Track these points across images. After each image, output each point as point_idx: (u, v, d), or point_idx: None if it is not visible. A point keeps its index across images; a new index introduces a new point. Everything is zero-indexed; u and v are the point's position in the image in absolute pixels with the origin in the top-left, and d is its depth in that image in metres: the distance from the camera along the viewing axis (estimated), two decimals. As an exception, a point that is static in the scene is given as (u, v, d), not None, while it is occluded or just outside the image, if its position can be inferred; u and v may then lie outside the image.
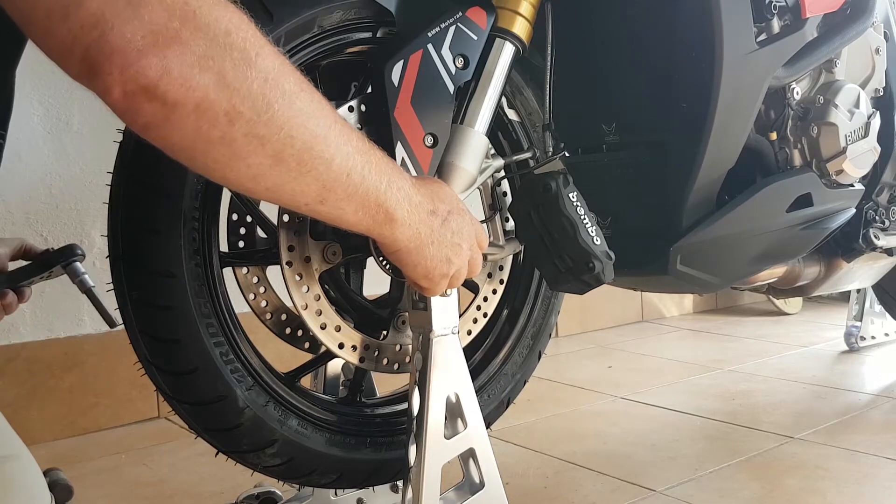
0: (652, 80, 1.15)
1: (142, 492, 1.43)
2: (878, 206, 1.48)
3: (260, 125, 0.58)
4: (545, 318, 1.24)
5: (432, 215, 0.79)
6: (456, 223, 0.82)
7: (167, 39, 0.52)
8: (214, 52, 0.54)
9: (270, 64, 0.58)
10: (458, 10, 0.97)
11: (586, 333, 2.75)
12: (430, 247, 0.79)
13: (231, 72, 0.55)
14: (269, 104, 0.58)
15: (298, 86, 0.61)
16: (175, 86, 0.53)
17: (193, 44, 0.53)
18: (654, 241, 1.13)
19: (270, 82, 0.58)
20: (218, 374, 0.90)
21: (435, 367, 0.91)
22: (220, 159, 0.59)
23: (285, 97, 0.60)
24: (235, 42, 0.56)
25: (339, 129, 0.66)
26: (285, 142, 0.61)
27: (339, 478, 1.02)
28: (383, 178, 0.71)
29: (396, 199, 0.73)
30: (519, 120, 1.19)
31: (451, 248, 0.82)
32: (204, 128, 0.56)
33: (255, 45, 0.58)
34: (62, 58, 0.51)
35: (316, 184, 0.65)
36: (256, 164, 0.60)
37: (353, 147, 0.67)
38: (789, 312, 3.02)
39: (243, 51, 0.56)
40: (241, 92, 0.56)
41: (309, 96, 0.63)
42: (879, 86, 1.45)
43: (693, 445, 1.54)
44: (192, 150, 0.58)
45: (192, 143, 0.57)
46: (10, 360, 1.71)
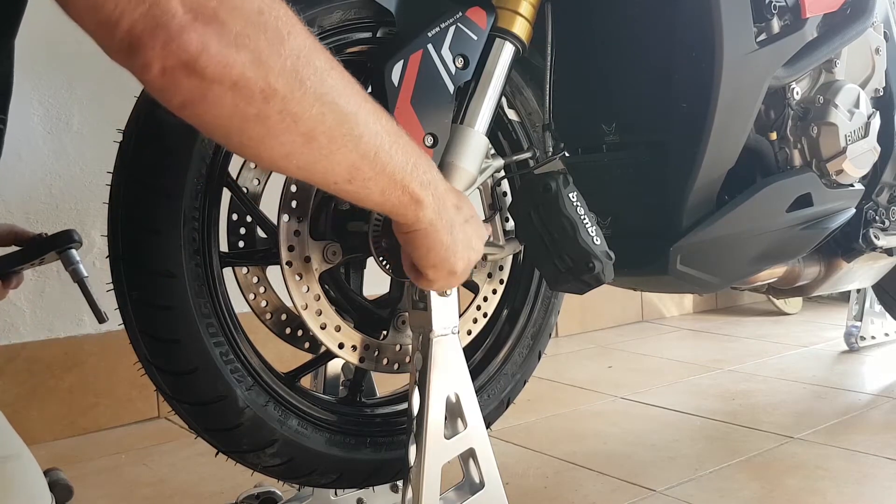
0: (652, 80, 1.15)
1: (142, 492, 1.43)
2: (878, 206, 1.48)
3: (293, 102, 0.60)
4: (545, 318, 1.24)
5: (457, 209, 0.81)
6: (474, 229, 0.84)
7: (206, 17, 0.53)
8: (249, 31, 0.56)
9: (302, 42, 0.60)
10: (458, 10, 0.97)
11: (586, 333, 2.75)
12: (448, 235, 0.80)
13: (266, 49, 0.57)
14: (301, 81, 0.60)
15: (329, 63, 0.63)
16: (214, 62, 0.54)
17: (230, 22, 0.54)
18: (654, 241, 1.13)
19: (303, 59, 0.60)
20: (218, 374, 0.90)
21: (435, 367, 0.91)
22: (255, 137, 0.60)
23: (317, 74, 0.61)
24: (269, 21, 0.57)
25: (369, 107, 0.67)
26: (317, 119, 0.62)
27: (339, 478, 1.02)
28: (410, 160, 0.72)
29: (422, 181, 0.74)
30: (519, 120, 1.19)
31: (465, 247, 0.83)
32: (241, 105, 0.57)
33: (287, 23, 0.59)
34: (105, 33, 0.52)
35: (346, 161, 0.66)
36: (290, 141, 0.62)
37: (381, 126, 0.69)
38: (789, 312, 3.02)
39: (276, 29, 0.58)
40: (275, 69, 0.57)
41: (339, 74, 0.64)
42: (879, 86, 1.45)
43: (693, 445, 1.54)
44: (228, 127, 0.59)
45: (229, 120, 0.58)
46: (10, 360, 1.71)
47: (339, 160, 0.66)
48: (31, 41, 1.37)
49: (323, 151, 0.64)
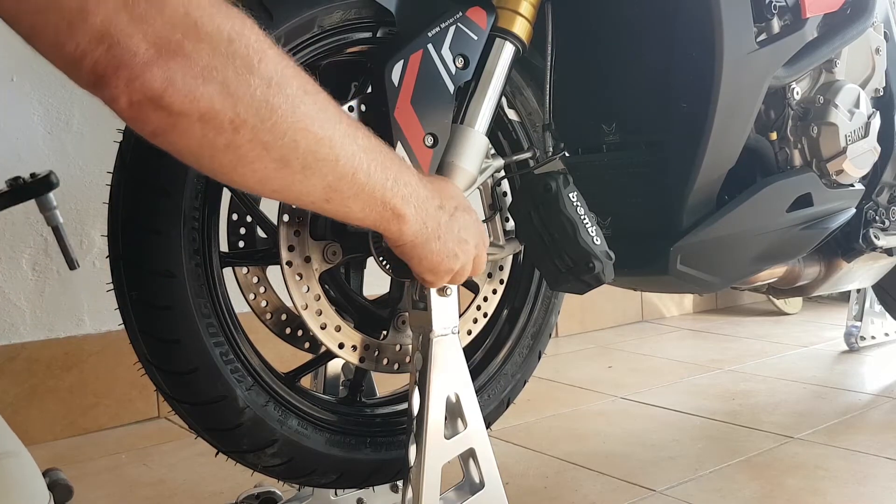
0: (652, 80, 1.15)
1: (142, 492, 1.43)
2: (879, 206, 1.48)
3: (264, 131, 0.59)
4: (545, 318, 1.24)
5: (440, 210, 0.80)
6: (463, 219, 0.83)
7: (170, 52, 0.53)
8: (217, 62, 0.55)
9: (273, 68, 0.59)
10: (459, 10, 0.97)
11: (586, 333, 2.75)
12: (436, 241, 0.80)
13: (234, 80, 0.56)
14: (272, 110, 0.59)
15: (302, 88, 0.62)
16: (180, 97, 0.54)
17: (196, 55, 0.54)
18: (654, 241, 1.13)
19: (274, 87, 0.59)
20: (218, 374, 0.90)
21: (435, 367, 0.91)
22: (227, 164, 0.60)
23: (289, 102, 0.60)
24: (238, 50, 0.57)
25: (344, 128, 0.67)
26: (290, 146, 0.62)
27: (339, 478, 1.02)
28: (389, 175, 0.72)
29: (403, 195, 0.74)
30: (519, 120, 1.19)
31: (457, 243, 0.83)
32: (209, 136, 0.57)
33: (258, 50, 0.58)
34: (71, 70, 0.52)
35: (321, 184, 0.66)
36: (262, 168, 0.62)
37: (358, 146, 0.68)
38: (789, 312, 3.02)
39: (245, 58, 0.57)
40: (244, 100, 0.57)
41: (313, 98, 0.63)
42: (879, 86, 1.45)
43: (693, 445, 1.54)
44: (199, 155, 0.59)
45: (199, 149, 0.58)
46: (10, 360, 1.71)
47: (314, 183, 0.66)
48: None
49: (297, 176, 0.64)
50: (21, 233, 1.72)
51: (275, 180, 0.63)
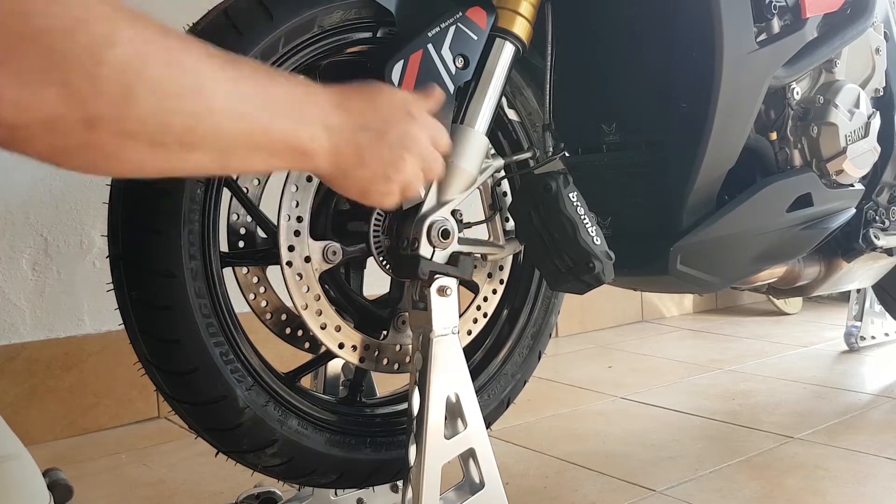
0: (652, 80, 1.15)
1: (142, 492, 1.43)
2: (879, 206, 1.48)
3: (128, 121, 0.52)
4: (545, 318, 1.24)
5: (362, 132, 0.72)
6: (396, 134, 0.75)
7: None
8: (54, 61, 0.47)
9: (128, 51, 0.50)
10: (458, 10, 0.97)
11: (586, 333, 2.75)
12: (359, 168, 0.73)
13: (78, 77, 0.48)
14: (133, 99, 0.51)
15: (166, 62, 0.53)
16: (10, 110, 0.46)
17: (23, 58, 0.46)
18: (654, 241, 1.13)
19: (131, 73, 0.51)
20: (218, 374, 0.90)
21: (435, 367, 0.91)
22: (90, 162, 0.53)
23: (152, 84, 0.52)
24: (80, 41, 0.48)
25: (227, 87, 0.59)
26: (160, 129, 0.54)
27: (339, 478, 1.02)
28: (290, 116, 0.65)
29: (309, 133, 0.67)
30: (519, 120, 1.19)
31: (389, 163, 0.75)
32: (59, 140, 0.50)
33: (107, 34, 0.49)
34: None
35: (208, 157, 0.59)
36: (133, 157, 0.54)
37: (249, 100, 0.61)
38: (789, 312, 3.02)
39: (90, 48, 0.48)
40: (93, 96, 0.49)
41: (181, 69, 0.55)
42: (879, 86, 1.45)
43: (693, 445, 1.54)
44: (54, 159, 0.52)
45: (51, 154, 0.51)
46: (10, 360, 1.71)
47: (199, 158, 0.59)
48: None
49: (177, 156, 0.57)
50: (21, 233, 1.72)
51: (154, 162, 0.56)
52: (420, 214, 0.96)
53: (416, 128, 0.78)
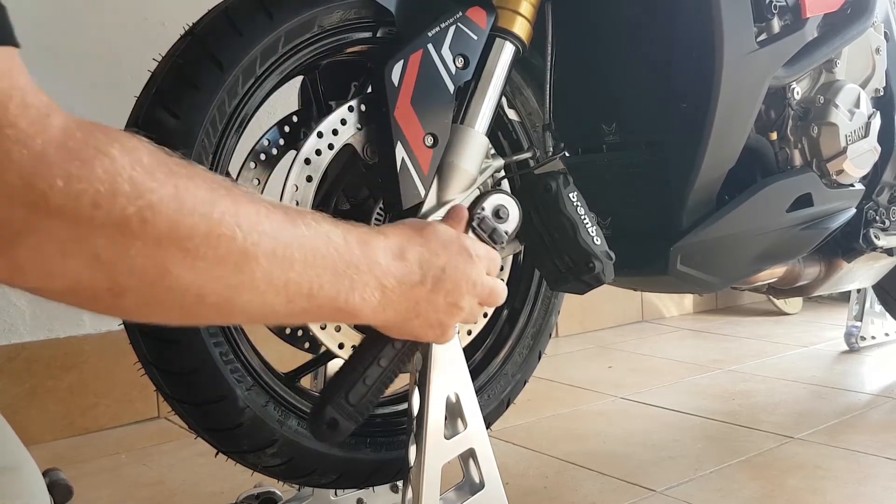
0: (652, 80, 1.15)
1: (142, 492, 1.43)
2: (879, 206, 1.48)
3: (156, 293, 0.48)
4: (545, 318, 1.24)
5: (418, 286, 0.71)
6: (452, 281, 0.74)
7: (14, 233, 0.42)
8: (80, 234, 0.44)
9: (163, 222, 0.47)
10: (458, 10, 0.97)
11: (586, 333, 2.75)
12: (414, 320, 0.72)
13: (106, 249, 0.45)
14: (164, 272, 0.48)
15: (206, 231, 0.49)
16: (34, 278, 0.45)
17: (50, 231, 0.43)
18: (654, 241, 1.13)
19: (165, 246, 0.47)
20: (218, 374, 0.89)
21: (435, 367, 0.91)
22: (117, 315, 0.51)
23: (188, 257, 0.48)
24: (111, 213, 0.44)
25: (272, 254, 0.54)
26: (196, 300, 0.51)
27: (339, 478, 1.02)
28: (343, 283, 0.62)
29: (362, 296, 0.64)
30: (519, 120, 1.19)
31: (444, 311, 0.75)
32: (84, 303, 0.48)
33: (140, 204, 0.46)
34: None
35: (244, 318, 0.57)
36: (162, 318, 0.52)
37: (295, 266, 0.56)
38: (789, 312, 3.02)
39: (120, 222, 0.45)
40: (122, 267, 0.46)
41: (221, 241, 0.50)
42: (880, 86, 1.45)
43: (693, 445, 1.54)
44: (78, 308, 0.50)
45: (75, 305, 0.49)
46: (10, 360, 1.71)
47: (235, 320, 0.57)
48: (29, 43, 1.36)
49: (211, 320, 0.55)
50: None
51: (183, 323, 0.54)
52: (420, 214, 0.96)
53: (472, 265, 0.76)
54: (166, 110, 0.85)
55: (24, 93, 0.43)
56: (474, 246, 0.78)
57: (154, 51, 0.96)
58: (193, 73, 0.86)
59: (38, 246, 0.43)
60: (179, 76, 0.86)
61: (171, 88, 0.86)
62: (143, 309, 0.50)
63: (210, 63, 0.86)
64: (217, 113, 0.87)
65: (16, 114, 0.42)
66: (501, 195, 0.88)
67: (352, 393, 0.81)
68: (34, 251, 0.43)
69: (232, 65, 0.87)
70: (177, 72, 0.87)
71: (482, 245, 0.81)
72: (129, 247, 0.46)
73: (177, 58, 0.88)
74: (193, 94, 0.86)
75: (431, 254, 0.73)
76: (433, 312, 0.74)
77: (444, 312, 0.75)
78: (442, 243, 0.75)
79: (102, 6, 1.74)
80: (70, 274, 0.45)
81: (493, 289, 0.80)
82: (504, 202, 0.88)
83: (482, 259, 0.78)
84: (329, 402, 0.81)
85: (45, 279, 0.45)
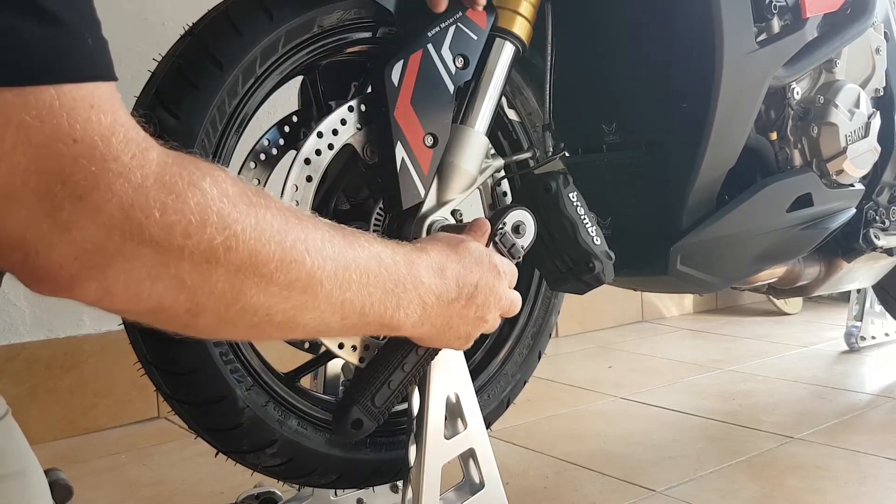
0: (652, 80, 1.15)
1: (142, 492, 1.43)
2: (879, 206, 1.48)
3: (230, 314, 0.52)
4: (545, 318, 1.24)
5: (454, 302, 0.76)
6: (483, 295, 0.78)
7: (107, 258, 0.45)
8: (168, 260, 0.47)
9: (244, 250, 0.51)
10: (458, 10, 0.97)
11: (586, 333, 2.75)
12: (446, 332, 0.77)
13: (190, 275, 0.49)
14: (239, 295, 0.52)
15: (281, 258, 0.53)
16: (121, 300, 0.47)
17: (140, 258, 0.46)
18: (654, 241, 1.13)
19: (244, 271, 0.51)
20: (218, 374, 0.89)
21: (435, 367, 0.91)
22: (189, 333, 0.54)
23: (262, 282, 0.53)
24: (199, 243, 0.48)
25: (333, 278, 0.59)
26: (265, 320, 0.55)
27: (339, 478, 1.02)
28: (390, 301, 0.67)
29: (406, 312, 0.70)
30: (519, 120, 1.19)
31: (472, 324, 0.79)
32: (162, 322, 0.52)
33: (227, 234, 0.49)
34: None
35: (302, 334, 0.62)
36: (229, 335, 0.59)
37: (352, 287, 0.62)
38: (789, 312, 3.02)
39: (207, 251, 0.49)
40: (203, 290, 0.50)
41: (292, 266, 0.55)
42: (880, 86, 1.45)
43: (693, 445, 1.54)
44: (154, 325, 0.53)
45: (152, 324, 0.53)
46: (10, 360, 1.71)
47: (293, 335, 0.61)
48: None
49: (273, 333, 0.58)
50: (21, 233, 1.72)
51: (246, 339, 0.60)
52: (420, 214, 0.96)
53: (500, 281, 0.81)
54: (166, 110, 0.85)
55: (125, 128, 0.45)
56: (501, 262, 0.83)
57: (154, 51, 0.96)
58: (193, 73, 0.86)
59: (129, 271, 0.46)
60: (179, 76, 0.86)
61: (171, 88, 0.86)
62: (215, 327, 0.54)
63: (210, 63, 0.86)
64: (217, 113, 0.87)
65: (119, 149, 0.44)
66: (521, 211, 0.90)
67: (378, 396, 0.85)
68: (125, 276, 0.46)
69: (232, 65, 0.87)
70: (177, 72, 0.87)
71: (506, 261, 0.85)
72: (213, 273, 0.50)
73: (177, 58, 0.88)
74: (193, 94, 0.86)
75: (466, 271, 0.77)
76: (463, 325, 0.78)
77: (472, 325, 0.79)
78: (475, 260, 0.79)
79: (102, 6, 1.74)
80: (155, 297, 0.48)
81: (514, 301, 0.85)
82: (523, 218, 0.91)
83: (507, 275, 0.83)
84: (355, 404, 0.85)
85: (133, 302, 0.48)
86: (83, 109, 0.43)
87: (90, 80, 0.44)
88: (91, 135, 0.43)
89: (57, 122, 0.42)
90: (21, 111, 0.41)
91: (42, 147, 0.42)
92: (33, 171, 0.42)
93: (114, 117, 0.45)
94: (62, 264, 0.44)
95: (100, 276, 0.46)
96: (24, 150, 0.41)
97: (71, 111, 0.42)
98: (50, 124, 0.42)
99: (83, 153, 0.43)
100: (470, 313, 0.78)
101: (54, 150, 0.42)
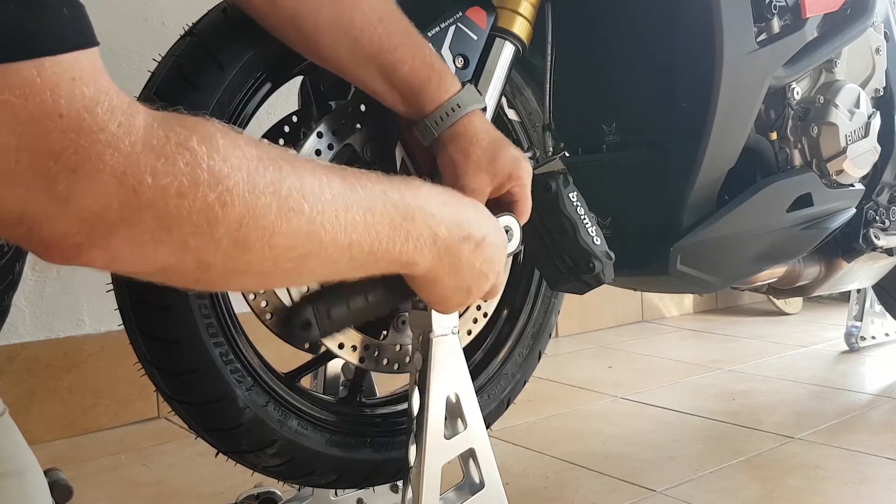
0: (652, 80, 1.15)
1: (142, 492, 1.43)
2: (879, 206, 1.48)
3: (238, 265, 0.54)
4: (545, 318, 1.24)
5: (463, 242, 0.74)
6: (489, 250, 0.77)
7: (108, 226, 0.46)
8: (169, 223, 0.48)
9: (240, 205, 0.51)
10: (458, 10, 0.97)
11: (586, 333, 2.75)
12: (451, 276, 0.74)
13: (192, 235, 0.50)
14: (246, 247, 0.53)
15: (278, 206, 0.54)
16: (129, 263, 0.49)
17: (140, 223, 0.47)
18: (654, 241, 1.13)
19: (245, 227, 0.52)
20: (218, 375, 0.89)
21: (435, 367, 0.91)
22: (199, 288, 0.58)
23: (265, 234, 0.53)
24: (194, 202, 0.49)
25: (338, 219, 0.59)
26: (274, 266, 0.56)
27: (339, 478, 1.02)
28: (398, 235, 0.66)
29: (416, 246, 0.68)
30: (519, 120, 1.19)
31: (475, 278, 0.77)
32: (173, 280, 0.53)
33: (219, 190, 0.50)
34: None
35: (311, 278, 0.64)
36: (242, 285, 0.59)
37: (358, 226, 0.61)
38: (789, 312, 3.02)
39: (204, 209, 0.49)
40: (208, 248, 0.51)
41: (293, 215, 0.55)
42: (880, 86, 1.45)
43: (693, 445, 1.54)
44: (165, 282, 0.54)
45: (163, 282, 0.54)
46: (10, 360, 1.71)
47: (303, 280, 0.63)
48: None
49: (282, 279, 0.60)
50: (21, 233, 1.72)
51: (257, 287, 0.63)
52: (420, 214, 0.95)
53: (500, 253, 0.80)
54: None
55: (109, 96, 0.45)
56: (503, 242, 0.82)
57: (154, 51, 0.96)
58: (193, 73, 0.86)
59: (132, 237, 0.47)
60: (179, 76, 0.86)
61: (171, 88, 0.86)
62: (224, 279, 0.56)
63: (210, 63, 0.87)
64: (217, 113, 0.87)
65: (105, 118, 0.45)
66: (508, 217, 0.90)
67: (335, 309, 0.84)
68: (129, 241, 0.48)
69: (232, 65, 0.87)
70: (177, 72, 0.87)
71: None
72: (214, 230, 0.50)
73: (177, 58, 0.88)
74: (193, 94, 0.86)
75: (479, 216, 0.77)
76: (468, 274, 0.76)
77: (475, 279, 0.77)
78: (485, 215, 0.79)
79: (102, 6, 1.74)
80: (162, 258, 0.50)
81: (502, 283, 0.85)
82: (510, 223, 0.90)
83: (505, 253, 0.83)
84: (312, 305, 0.84)
85: (140, 265, 0.49)
86: (66, 83, 0.43)
87: (68, 50, 0.44)
88: (76, 108, 0.43)
89: (41, 98, 0.42)
90: (3, 90, 0.41)
91: (29, 125, 0.42)
92: (24, 148, 0.42)
93: (96, 87, 0.45)
94: (66, 234, 0.45)
95: (104, 243, 0.47)
96: (12, 128, 0.42)
97: (54, 86, 0.43)
98: (34, 101, 0.42)
99: (70, 127, 0.43)
100: (476, 262, 0.76)
101: (42, 127, 0.42)
